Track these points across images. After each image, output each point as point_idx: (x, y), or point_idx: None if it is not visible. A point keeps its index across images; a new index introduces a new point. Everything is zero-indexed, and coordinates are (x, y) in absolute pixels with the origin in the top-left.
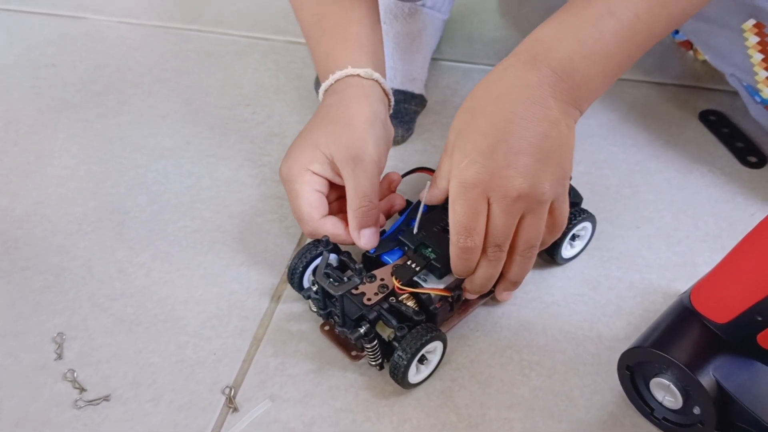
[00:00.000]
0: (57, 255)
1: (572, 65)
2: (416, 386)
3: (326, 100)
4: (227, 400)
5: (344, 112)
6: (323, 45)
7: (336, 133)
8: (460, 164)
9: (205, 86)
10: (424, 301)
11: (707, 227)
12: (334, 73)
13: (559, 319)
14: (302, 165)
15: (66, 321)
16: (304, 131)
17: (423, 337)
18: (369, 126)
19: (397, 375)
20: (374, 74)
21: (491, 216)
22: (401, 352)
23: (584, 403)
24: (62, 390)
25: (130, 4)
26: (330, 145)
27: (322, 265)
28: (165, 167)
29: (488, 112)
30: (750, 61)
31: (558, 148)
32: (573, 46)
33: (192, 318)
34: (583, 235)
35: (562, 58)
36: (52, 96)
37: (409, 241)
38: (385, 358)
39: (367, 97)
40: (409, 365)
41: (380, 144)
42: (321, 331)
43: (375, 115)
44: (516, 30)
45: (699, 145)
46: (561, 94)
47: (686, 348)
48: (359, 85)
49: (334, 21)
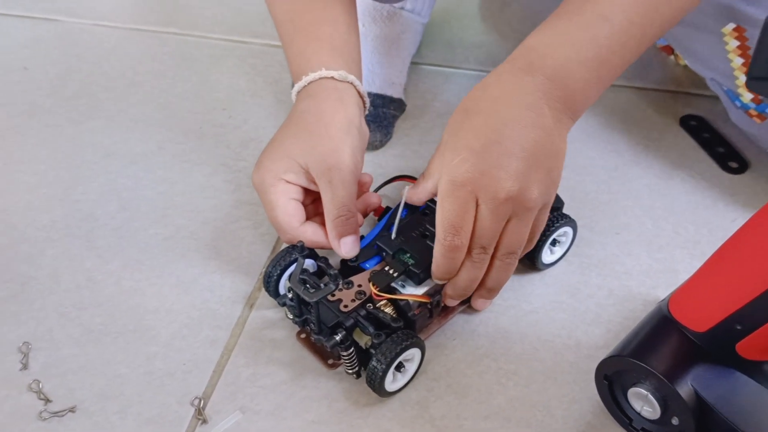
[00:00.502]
0: (23, 263)
1: (567, 71)
2: (393, 395)
3: (300, 105)
4: (196, 412)
5: (319, 119)
6: (296, 44)
7: (311, 143)
8: (451, 162)
9: (180, 90)
10: (402, 308)
11: (688, 233)
12: (308, 74)
13: (538, 327)
14: (275, 175)
15: (32, 331)
16: (277, 139)
17: (400, 344)
18: (344, 134)
19: (374, 383)
20: (349, 76)
21: (479, 216)
22: (378, 359)
23: (562, 413)
24: (27, 401)
25: (105, 6)
26: (305, 156)
27: (297, 271)
28: (137, 173)
29: (484, 113)
30: (730, 66)
31: (549, 156)
32: (567, 52)
33: (162, 328)
34: (563, 241)
35: (557, 65)
36: (23, 100)
37: (387, 247)
38: (362, 366)
39: (342, 101)
40: (385, 373)
41: (356, 152)
42: (297, 339)
43: (350, 121)
44: (497, 34)
45: (680, 151)
46: (555, 101)
47: (664, 357)
48: (334, 88)
49: (307, 19)
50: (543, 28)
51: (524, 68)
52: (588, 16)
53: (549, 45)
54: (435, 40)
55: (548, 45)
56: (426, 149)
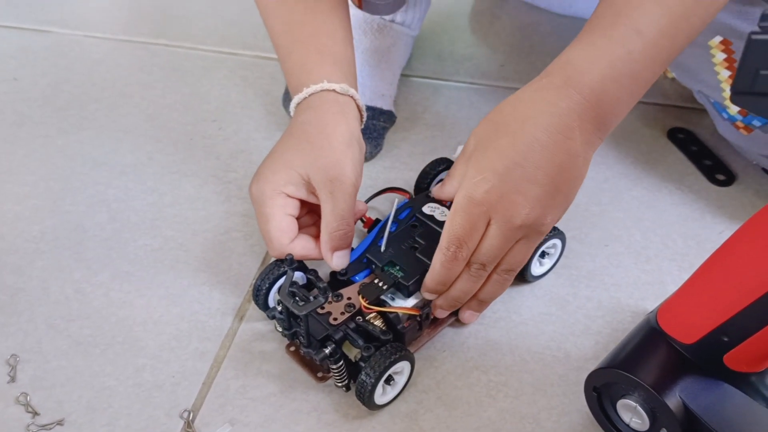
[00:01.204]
0: (12, 275)
1: (603, 89)
2: (383, 407)
3: (300, 117)
4: (186, 425)
5: (321, 131)
6: (295, 55)
7: (313, 154)
8: (472, 179)
9: (170, 102)
10: (392, 321)
11: (676, 245)
12: (309, 86)
13: (527, 339)
14: (275, 187)
15: (20, 343)
16: (277, 150)
17: (390, 357)
18: (347, 147)
19: (364, 396)
20: (350, 90)
21: (487, 235)
22: (367, 373)
23: (551, 425)
24: (14, 414)
25: (95, 18)
26: (307, 166)
27: (286, 284)
28: (126, 184)
29: (511, 132)
30: (717, 78)
31: (569, 181)
32: (604, 69)
33: (151, 340)
34: (552, 253)
35: (594, 82)
36: (12, 110)
37: (376, 260)
38: (351, 379)
39: (344, 114)
40: (375, 386)
41: (357, 165)
42: (287, 352)
43: (352, 134)
44: (486, 47)
45: (668, 164)
46: (588, 123)
47: (652, 369)
48: (335, 101)
49: (307, 31)
50: (579, 42)
51: (561, 85)
52: (622, 30)
53: (586, 60)
54: (425, 53)
55: (585, 60)
56: (416, 161)
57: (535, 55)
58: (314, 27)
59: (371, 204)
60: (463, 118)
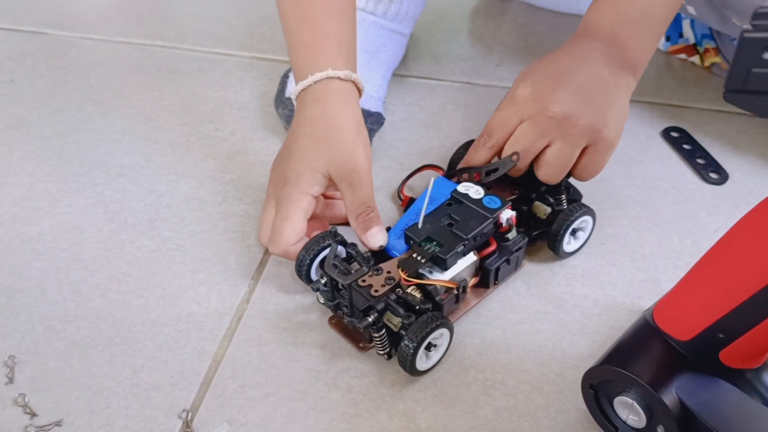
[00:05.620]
0: (9, 276)
1: (615, 31)
2: (424, 374)
3: (307, 110)
4: (184, 425)
5: (331, 127)
6: (303, 35)
7: (329, 153)
8: (517, 87)
9: (167, 103)
10: (430, 293)
11: (671, 244)
12: (314, 74)
13: (524, 338)
14: (302, 190)
15: (17, 344)
16: (297, 151)
17: (431, 323)
18: (357, 136)
19: (406, 361)
20: (352, 75)
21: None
22: (410, 337)
23: (548, 423)
24: (12, 415)
25: (92, 19)
26: (327, 165)
27: (330, 257)
28: (123, 185)
29: (550, 60)
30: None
31: (600, 98)
32: (612, 16)
33: (148, 340)
34: (584, 228)
35: (605, 28)
36: (9, 112)
37: (414, 235)
38: (392, 348)
39: (348, 104)
40: (417, 351)
41: (367, 150)
42: (329, 324)
43: (357, 122)
44: (482, 47)
45: (662, 162)
46: (611, 58)
47: (649, 366)
48: (338, 90)
49: (317, 9)
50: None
51: (581, 36)
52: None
53: (597, 15)
54: (421, 53)
55: (596, 15)
56: (412, 161)
57: (530, 54)
58: (324, 5)
59: (408, 183)
60: (459, 118)
